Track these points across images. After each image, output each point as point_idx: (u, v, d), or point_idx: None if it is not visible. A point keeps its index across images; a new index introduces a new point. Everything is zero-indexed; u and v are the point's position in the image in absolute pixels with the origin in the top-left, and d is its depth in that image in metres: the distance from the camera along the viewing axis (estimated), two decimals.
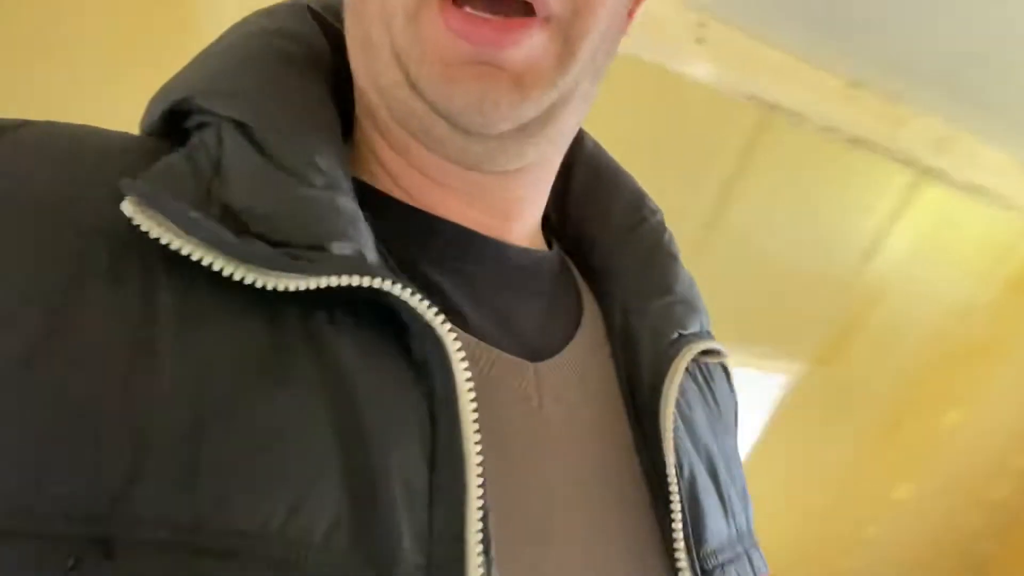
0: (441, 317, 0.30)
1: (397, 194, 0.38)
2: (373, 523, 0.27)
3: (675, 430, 0.38)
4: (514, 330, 0.38)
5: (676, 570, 0.36)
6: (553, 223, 0.48)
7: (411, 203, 0.38)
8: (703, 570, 0.36)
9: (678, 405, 0.39)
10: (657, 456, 0.38)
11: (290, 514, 0.26)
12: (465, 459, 0.29)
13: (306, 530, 0.26)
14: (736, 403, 0.50)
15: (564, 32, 0.34)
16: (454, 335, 0.31)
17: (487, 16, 0.32)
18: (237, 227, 0.30)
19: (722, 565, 0.37)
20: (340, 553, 0.26)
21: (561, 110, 0.36)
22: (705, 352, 0.42)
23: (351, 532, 0.27)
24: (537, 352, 0.38)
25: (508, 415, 0.35)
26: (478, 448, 0.30)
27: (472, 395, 0.30)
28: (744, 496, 0.44)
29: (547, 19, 0.33)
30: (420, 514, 0.28)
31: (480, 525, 0.29)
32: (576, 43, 0.34)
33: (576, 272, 0.45)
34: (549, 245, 0.45)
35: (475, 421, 0.30)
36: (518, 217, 0.41)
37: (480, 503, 0.29)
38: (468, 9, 0.32)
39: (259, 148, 0.32)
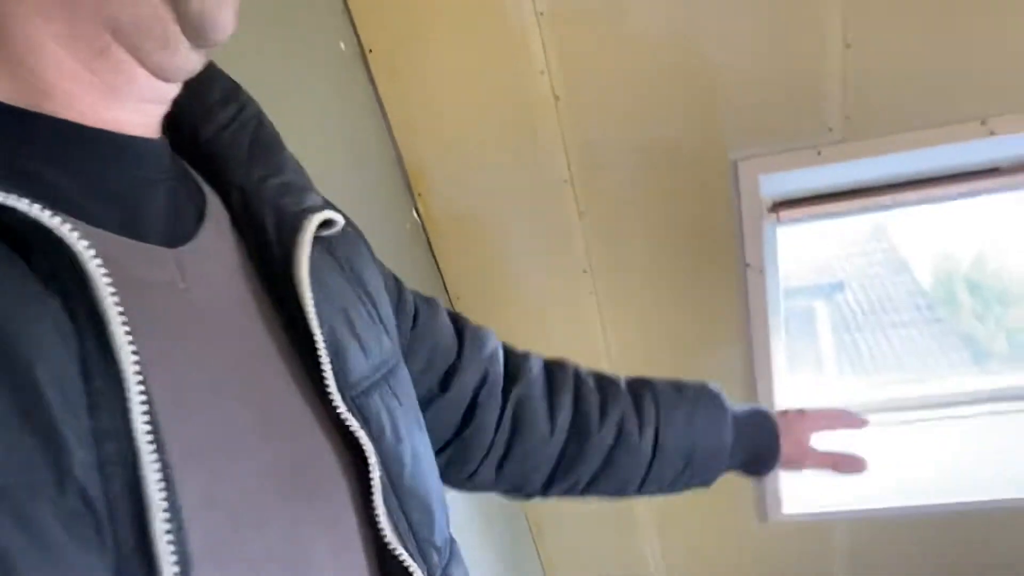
0: (59, 219, 0.31)
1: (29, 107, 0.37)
2: (38, 430, 0.28)
3: (313, 293, 0.43)
4: (146, 220, 0.39)
5: (331, 403, 0.43)
6: None
7: (39, 111, 0.37)
8: (352, 398, 0.45)
9: (312, 272, 0.44)
10: (299, 317, 0.43)
11: None
12: (118, 356, 0.31)
13: None
14: (369, 252, 0.57)
15: None
16: (78, 234, 0.31)
17: None
18: None
19: (365, 391, 0.46)
20: (24, 450, 0.28)
21: None
22: (326, 224, 0.48)
23: (19, 440, 0.28)
24: (172, 239, 0.40)
25: (155, 303, 0.37)
26: (128, 339, 0.31)
27: (112, 290, 0.32)
28: (388, 324, 0.53)
29: None
30: (83, 419, 0.30)
31: (147, 418, 0.31)
32: None
33: (184, 162, 0.47)
34: None
35: (121, 314, 0.32)
36: (159, 118, 0.43)
37: (143, 398, 0.31)
38: None
39: None
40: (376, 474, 0.44)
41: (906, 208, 1.55)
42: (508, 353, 0.73)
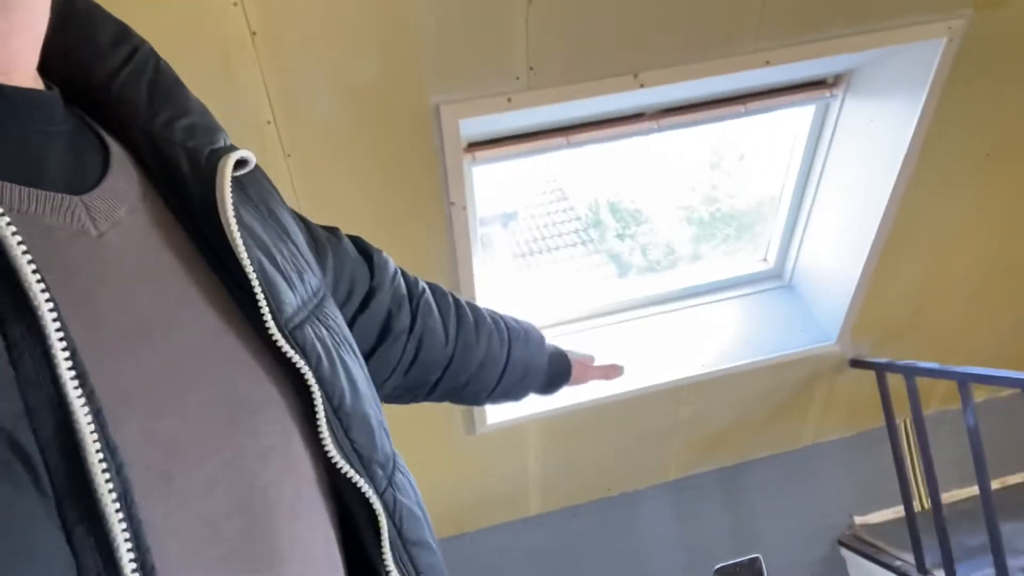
0: None
1: None
2: None
3: (240, 232, 0.44)
4: (49, 172, 0.38)
5: (270, 336, 0.44)
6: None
7: None
8: (289, 332, 0.45)
9: (235, 213, 0.45)
10: (227, 258, 0.44)
11: None
12: (33, 304, 0.31)
13: None
14: (276, 192, 0.58)
15: None
16: None
17: None
18: None
19: (300, 325, 0.47)
20: None
21: None
22: (239, 164, 0.48)
23: None
24: (78, 186, 0.40)
25: (68, 250, 0.37)
26: (41, 286, 0.31)
27: (19, 239, 0.32)
28: (308, 260, 0.54)
29: None
30: (5, 370, 0.30)
31: (70, 364, 0.31)
32: None
33: (82, 112, 0.46)
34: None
35: (31, 262, 0.32)
36: (16, 66, 0.40)
37: (63, 344, 0.31)
38: None
39: None
40: (319, 402, 0.46)
41: (575, 148, 1.80)
42: (402, 271, 0.81)
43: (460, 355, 0.80)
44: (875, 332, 2.37)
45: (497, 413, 2.13)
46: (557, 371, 0.94)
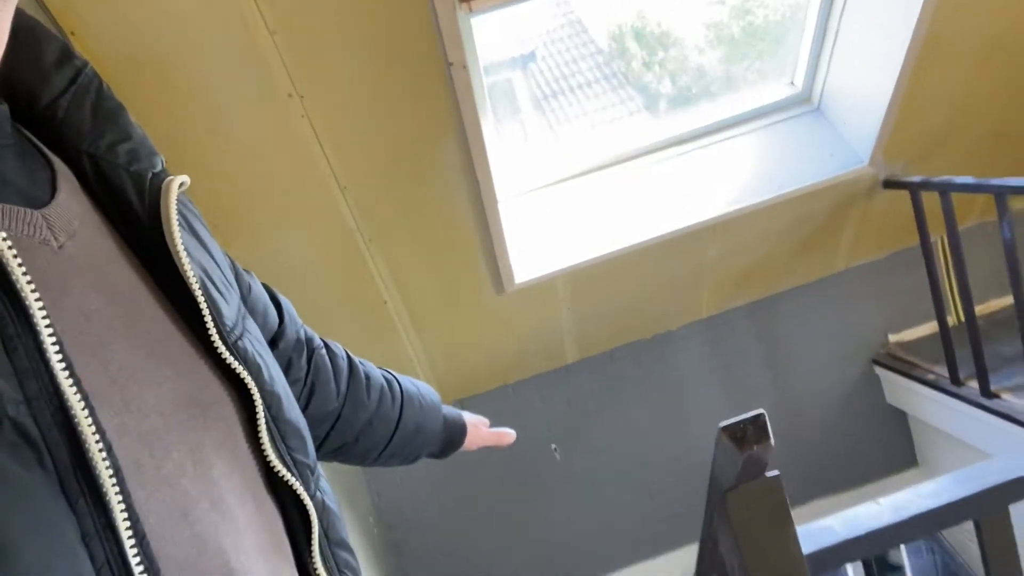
0: None
1: None
2: None
3: (184, 253, 0.48)
4: (7, 185, 0.41)
5: (213, 346, 0.48)
6: None
7: None
8: (232, 343, 0.50)
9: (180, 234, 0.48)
10: (171, 272, 0.48)
11: None
12: (26, 306, 0.35)
13: None
14: (199, 214, 0.61)
15: None
16: None
17: None
18: None
19: (240, 336, 0.52)
20: None
21: None
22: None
23: None
24: (33, 200, 0.42)
25: (38, 260, 0.39)
26: (32, 287, 0.35)
27: (9, 243, 0.36)
28: (233, 283, 0.58)
29: None
30: (3, 362, 0.34)
31: (60, 356, 0.36)
32: None
33: (25, 130, 0.47)
34: None
35: (20, 265, 0.35)
36: None
37: (53, 339, 0.36)
38: None
39: None
40: (260, 410, 0.50)
41: None
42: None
43: (349, 411, 0.80)
44: (909, 150, 2.27)
45: (524, 271, 2.14)
46: (452, 434, 0.94)
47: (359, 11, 1.41)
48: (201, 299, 0.48)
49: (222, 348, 0.48)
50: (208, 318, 0.48)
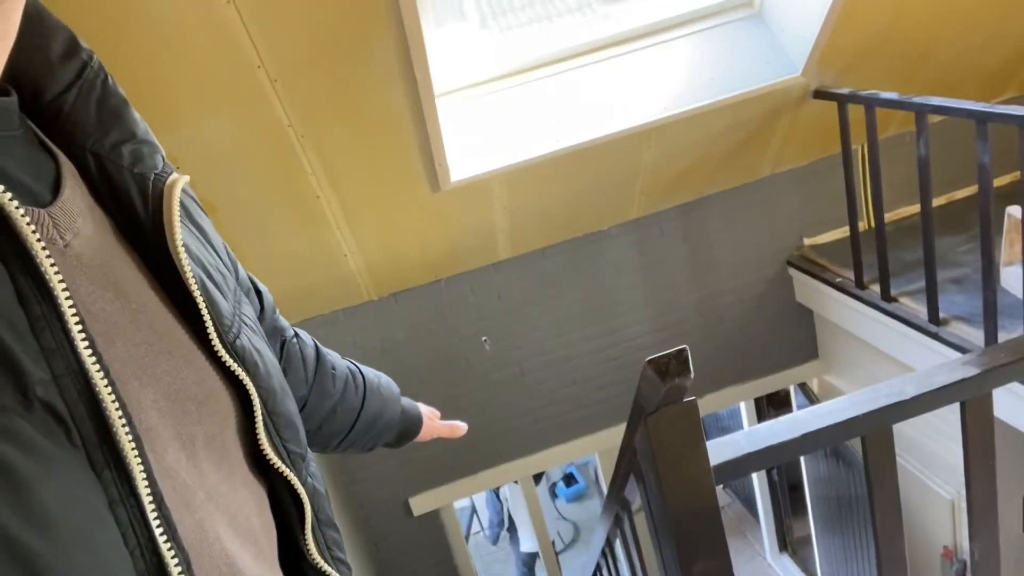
0: None
1: None
2: None
3: (185, 255, 0.49)
4: (13, 180, 0.40)
5: (211, 344, 0.49)
6: None
7: None
8: (231, 343, 0.51)
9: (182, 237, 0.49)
10: (170, 273, 0.48)
11: None
12: (51, 287, 0.37)
13: None
14: (195, 198, 0.61)
15: None
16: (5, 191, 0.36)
17: None
18: None
19: (237, 334, 0.53)
20: None
21: None
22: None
23: None
24: (39, 199, 0.42)
25: (49, 256, 0.40)
26: (55, 269, 0.37)
27: (32, 227, 0.37)
28: (229, 266, 0.59)
29: None
30: (31, 342, 0.35)
31: (84, 336, 0.38)
32: None
33: (31, 123, 0.46)
34: None
35: (44, 249, 0.37)
36: None
37: (76, 319, 0.38)
38: None
39: None
40: (257, 407, 0.52)
41: None
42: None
43: (315, 399, 0.81)
44: (840, 61, 2.31)
45: (460, 170, 2.13)
46: (409, 424, 0.96)
47: None
48: (201, 301, 0.48)
49: (220, 349, 0.49)
50: (207, 319, 0.49)
